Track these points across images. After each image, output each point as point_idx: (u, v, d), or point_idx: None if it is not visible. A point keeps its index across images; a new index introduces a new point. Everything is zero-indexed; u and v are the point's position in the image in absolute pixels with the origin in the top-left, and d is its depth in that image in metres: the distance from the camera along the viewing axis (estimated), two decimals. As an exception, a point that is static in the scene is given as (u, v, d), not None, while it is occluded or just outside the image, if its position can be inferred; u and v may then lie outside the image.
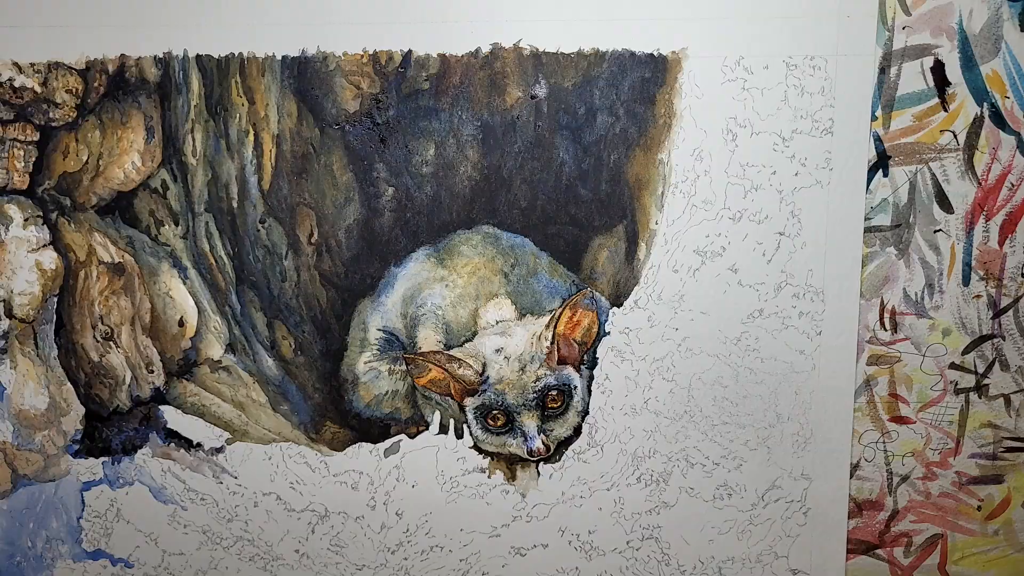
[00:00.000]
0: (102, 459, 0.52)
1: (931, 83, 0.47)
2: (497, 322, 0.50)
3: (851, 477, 0.51)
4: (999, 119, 0.48)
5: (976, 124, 0.48)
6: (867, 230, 0.49)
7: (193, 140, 0.49)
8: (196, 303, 0.50)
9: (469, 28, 0.47)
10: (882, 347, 0.50)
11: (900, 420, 0.51)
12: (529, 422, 0.50)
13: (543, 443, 0.51)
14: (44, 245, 0.50)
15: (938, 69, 0.47)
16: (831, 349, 0.49)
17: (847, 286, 0.49)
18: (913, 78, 0.47)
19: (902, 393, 0.51)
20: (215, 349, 0.51)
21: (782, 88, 0.47)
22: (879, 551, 0.53)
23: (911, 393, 0.51)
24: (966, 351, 0.50)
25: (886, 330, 0.50)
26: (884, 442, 0.51)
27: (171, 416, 0.52)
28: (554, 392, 0.50)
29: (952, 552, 0.53)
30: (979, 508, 0.52)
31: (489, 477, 0.52)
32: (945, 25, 0.47)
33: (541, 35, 0.47)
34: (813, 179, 0.48)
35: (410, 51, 0.47)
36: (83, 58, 0.48)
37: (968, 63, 0.47)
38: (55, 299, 0.50)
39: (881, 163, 0.48)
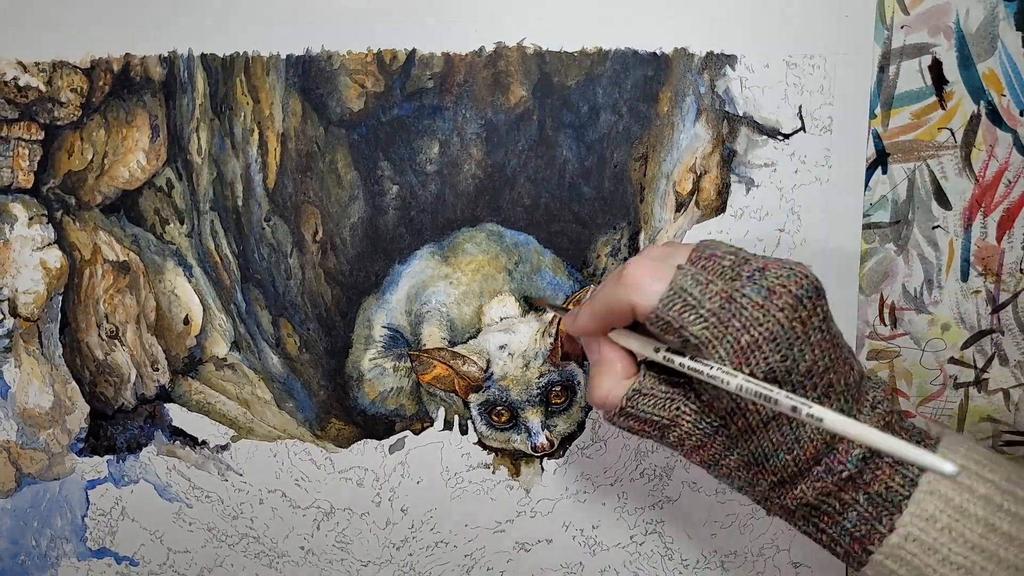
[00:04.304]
0: (107, 457, 0.52)
1: (929, 81, 0.48)
2: (501, 319, 0.50)
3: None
4: (996, 117, 0.48)
5: (973, 122, 0.48)
6: (866, 227, 0.49)
7: (198, 139, 0.49)
8: (201, 301, 0.50)
9: (473, 27, 0.47)
10: (882, 342, 0.50)
11: (900, 414, 0.51)
12: (533, 418, 0.51)
13: (547, 439, 0.51)
14: (49, 244, 0.50)
15: (936, 68, 0.48)
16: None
17: (847, 282, 0.49)
18: (911, 76, 0.48)
19: (902, 387, 0.51)
20: (220, 347, 0.51)
21: (782, 86, 0.47)
22: (880, 544, 0.53)
23: (911, 387, 0.51)
24: (965, 346, 0.51)
25: (885, 325, 0.50)
26: (884, 436, 0.52)
27: (176, 414, 0.52)
28: (558, 388, 0.50)
29: (952, 544, 0.53)
30: (978, 501, 0.52)
31: (493, 473, 0.52)
32: (942, 24, 0.47)
33: (544, 34, 0.47)
34: (812, 176, 0.48)
35: (414, 50, 0.47)
36: (88, 57, 0.48)
37: (965, 62, 0.47)
38: (60, 298, 0.50)
39: (880, 160, 0.49)
